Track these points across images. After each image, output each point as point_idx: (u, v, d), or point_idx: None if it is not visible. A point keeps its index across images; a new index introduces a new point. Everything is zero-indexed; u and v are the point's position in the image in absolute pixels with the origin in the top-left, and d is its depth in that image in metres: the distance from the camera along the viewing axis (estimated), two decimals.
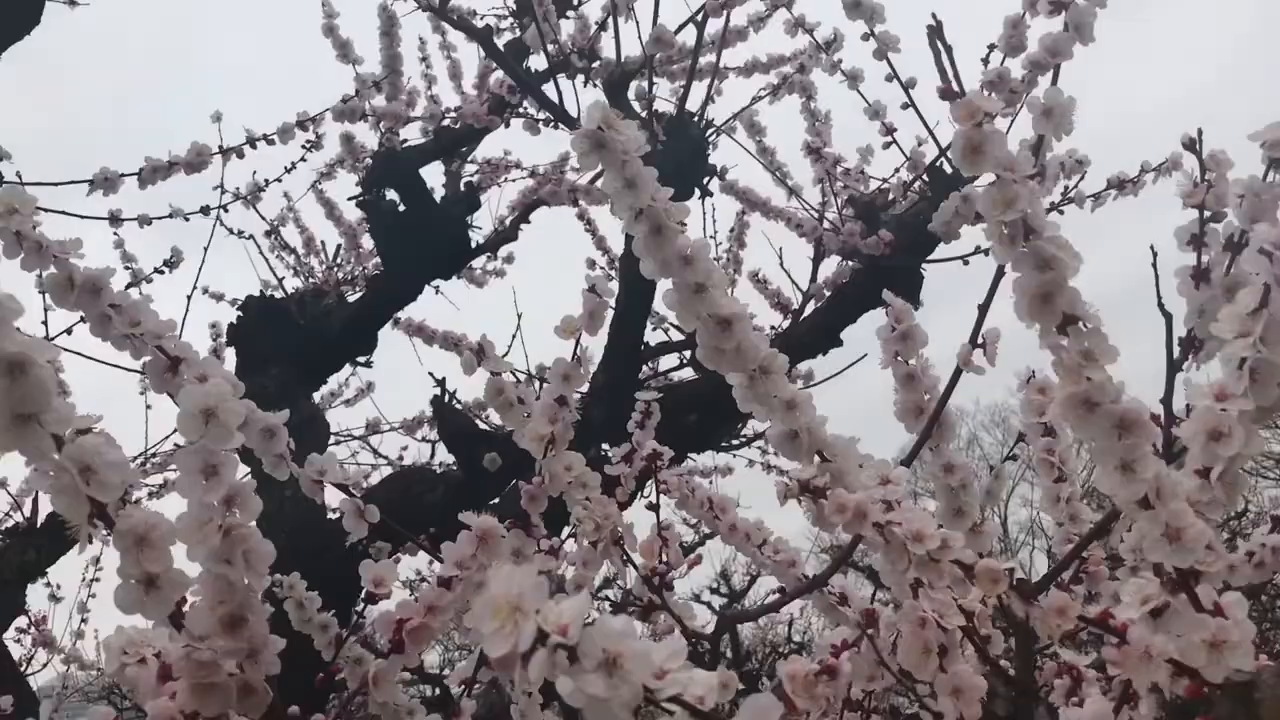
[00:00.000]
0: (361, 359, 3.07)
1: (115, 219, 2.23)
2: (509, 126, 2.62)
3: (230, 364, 2.66)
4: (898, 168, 2.28)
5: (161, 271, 2.46)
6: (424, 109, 2.74)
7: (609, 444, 1.46)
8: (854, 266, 2.35)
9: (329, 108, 2.45)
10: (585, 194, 2.55)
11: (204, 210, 2.32)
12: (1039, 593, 0.74)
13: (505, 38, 2.75)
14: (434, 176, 3.02)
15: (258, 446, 0.94)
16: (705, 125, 2.34)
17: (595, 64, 2.45)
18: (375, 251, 3.15)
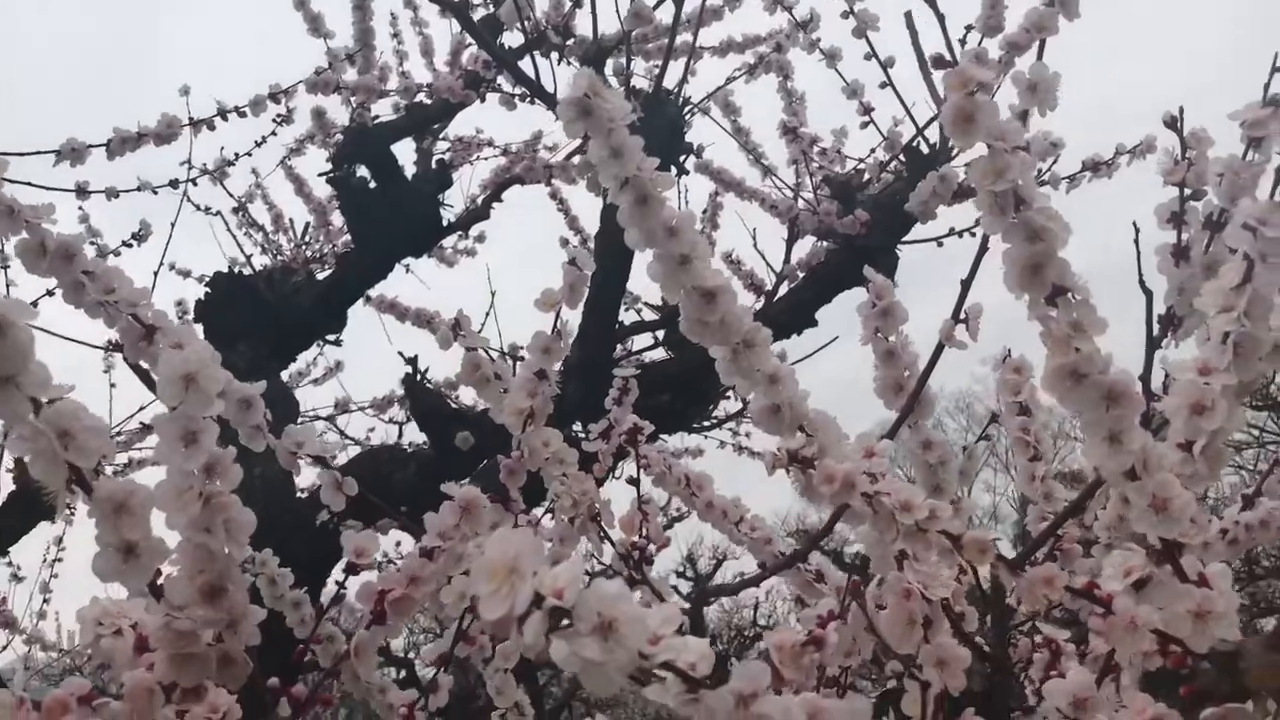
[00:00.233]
0: (331, 337, 3.04)
1: (82, 191, 2.19)
2: (484, 101, 2.60)
3: None
4: (874, 148, 2.29)
5: (130, 244, 2.42)
6: (397, 83, 2.71)
7: (584, 423, 1.46)
8: (829, 247, 2.35)
9: (301, 79, 2.42)
10: (561, 170, 2.53)
11: (172, 184, 2.28)
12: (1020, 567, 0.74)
13: (479, 14, 2.72)
14: (405, 154, 2.99)
15: (234, 417, 0.93)
16: (682, 103, 2.33)
17: (570, 41, 2.43)
18: (345, 229, 3.12)
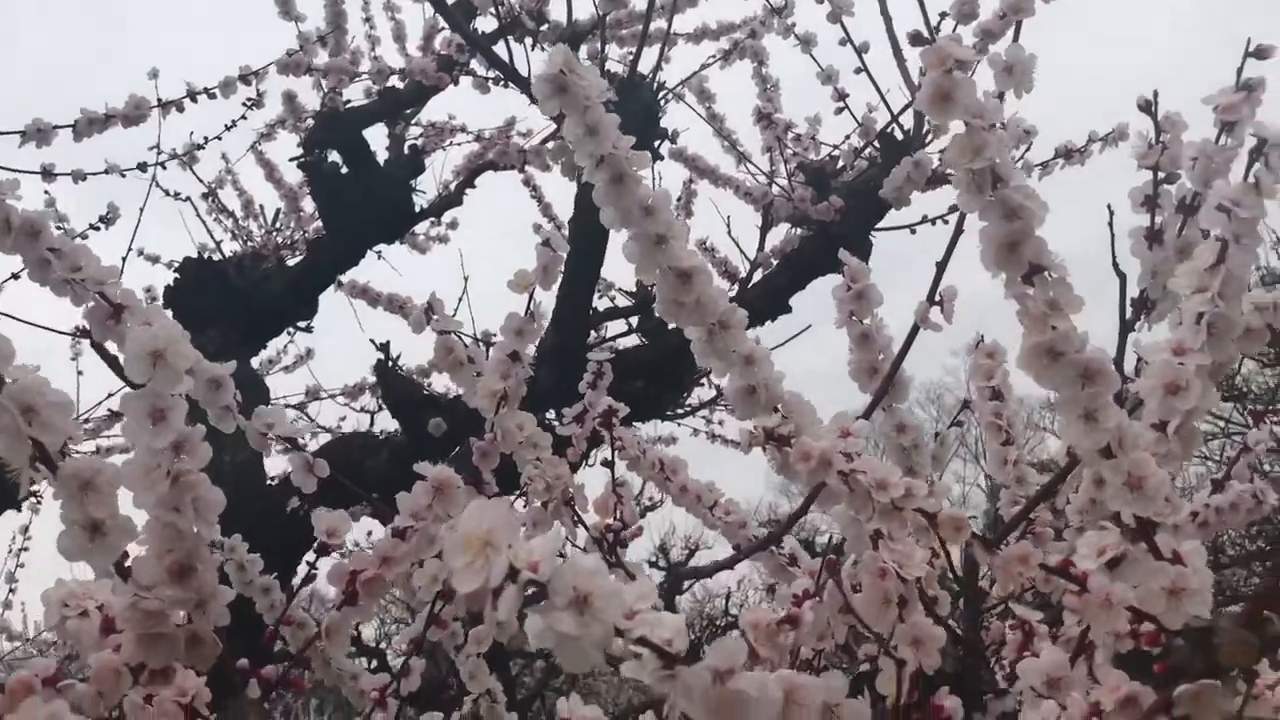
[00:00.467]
0: (302, 324, 3.02)
1: (48, 174, 2.15)
2: (458, 84, 2.58)
3: None
4: (848, 135, 2.29)
5: (97, 228, 2.38)
6: (369, 66, 2.68)
7: (557, 409, 1.45)
8: (803, 234, 2.35)
9: (272, 61, 2.38)
10: (535, 155, 2.52)
11: (141, 167, 2.25)
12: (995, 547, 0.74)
13: None
14: (377, 140, 2.97)
15: (203, 397, 0.91)
16: (657, 88, 2.32)
17: (545, 26, 2.42)
18: (316, 215, 3.10)
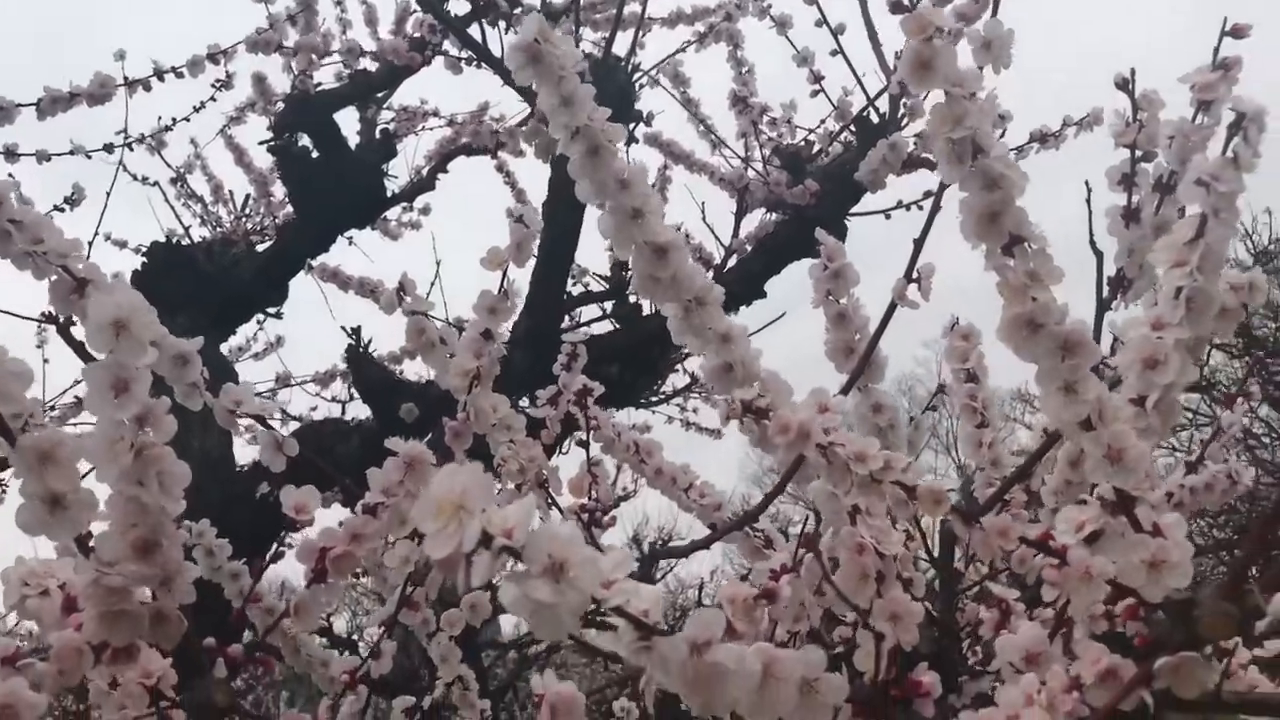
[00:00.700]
0: (272, 310, 2.99)
1: (10, 154, 2.11)
2: (430, 64, 2.55)
3: None
4: (823, 119, 2.28)
5: (62, 209, 2.34)
6: (341, 44, 2.64)
7: (531, 393, 1.44)
8: (778, 218, 2.35)
9: (241, 40, 2.35)
10: (509, 137, 2.50)
11: (107, 148, 2.21)
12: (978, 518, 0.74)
13: None
14: (348, 124, 2.94)
15: (170, 374, 0.89)
16: (631, 70, 2.30)
17: (518, 9, 2.39)
18: (286, 201, 3.06)
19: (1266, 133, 0.77)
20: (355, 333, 2.17)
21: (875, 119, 2.03)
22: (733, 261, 2.52)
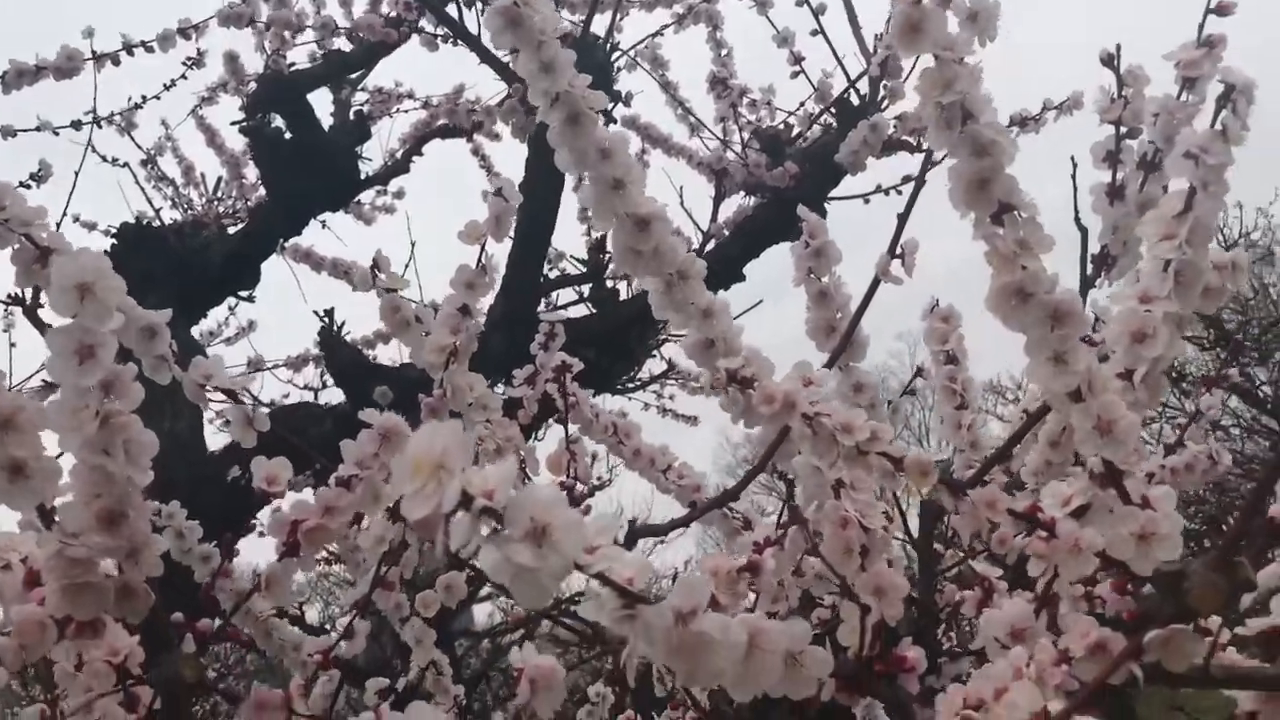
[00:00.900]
0: (244, 293, 2.95)
1: None
2: (406, 40, 2.51)
3: None
4: (803, 101, 2.26)
5: (28, 185, 2.29)
6: (315, 20, 2.60)
7: (507, 375, 1.42)
8: (757, 202, 2.33)
9: (213, 13, 2.30)
10: (486, 115, 2.47)
11: (75, 125, 2.17)
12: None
13: None
14: (322, 106, 2.90)
15: (137, 347, 0.87)
16: (610, 49, 2.28)
17: None
18: (258, 184, 3.03)
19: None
20: (328, 314, 2.14)
21: (856, 101, 2.02)
22: (710, 246, 2.51)
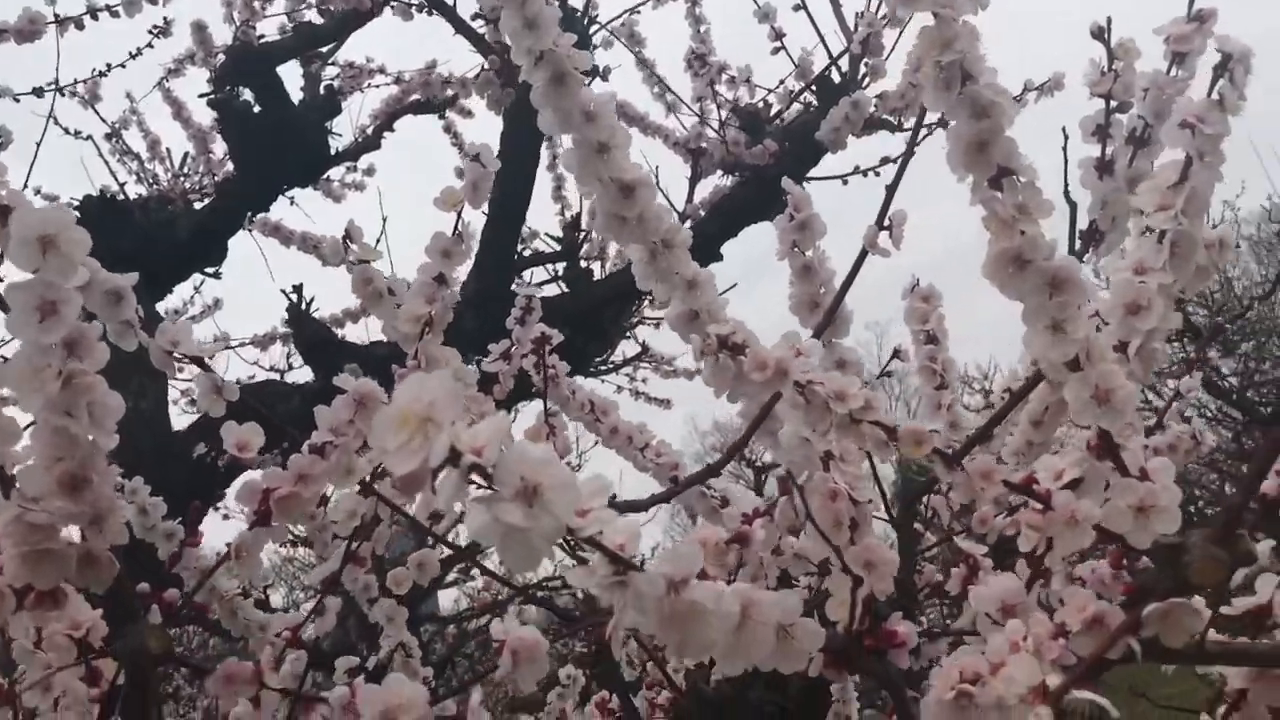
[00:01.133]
0: (211, 269, 2.90)
1: None
2: (380, 13, 2.47)
3: None
4: (783, 79, 2.24)
5: None
6: None
7: (481, 353, 1.39)
8: (735, 181, 2.31)
9: None
10: (461, 86, 2.43)
11: (36, 92, 2.11)
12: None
13: None
14: (292, 80, 2.84)
15: (102, 311, 0.84)
16: (587, 23, 2.25)
17: None
18: (226, 159, 2.97)
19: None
20: (297, 290, 2.10)
21: (837, 79, 2.00)
22: (686, 226, 2.48)
